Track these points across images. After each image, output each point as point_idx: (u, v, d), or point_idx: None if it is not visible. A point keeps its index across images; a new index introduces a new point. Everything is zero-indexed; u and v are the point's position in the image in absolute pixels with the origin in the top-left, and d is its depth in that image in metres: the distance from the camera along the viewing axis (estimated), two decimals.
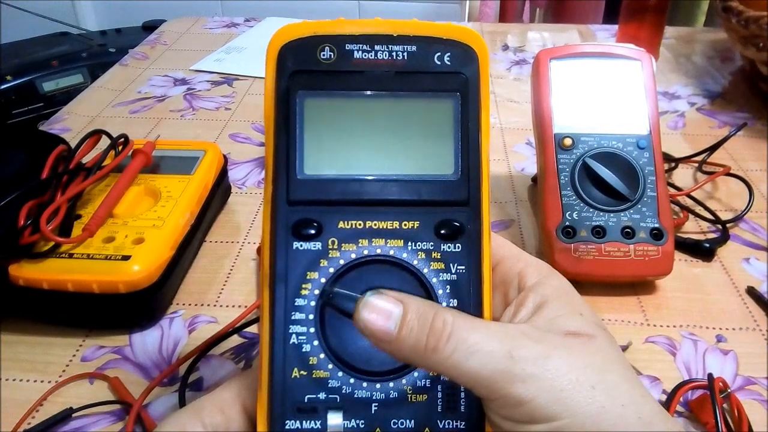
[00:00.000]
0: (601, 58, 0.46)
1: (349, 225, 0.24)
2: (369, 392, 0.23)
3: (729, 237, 0.48)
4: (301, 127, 0.24)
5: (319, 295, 0.23)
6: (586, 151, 0.43)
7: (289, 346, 0.23)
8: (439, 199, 0.24)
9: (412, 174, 0.24)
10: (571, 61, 0.46)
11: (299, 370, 0.23)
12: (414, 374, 0.23)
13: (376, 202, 0.24)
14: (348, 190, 0.24)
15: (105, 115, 0.68)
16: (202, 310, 0.42)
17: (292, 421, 0.22)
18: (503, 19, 1.50)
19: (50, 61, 1.35)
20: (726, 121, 0.66)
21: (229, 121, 0.66)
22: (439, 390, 0.23)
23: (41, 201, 0.40)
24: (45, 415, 0.34)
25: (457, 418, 0.23)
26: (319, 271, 0.23)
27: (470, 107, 0.24)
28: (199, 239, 0.47)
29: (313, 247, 0.23)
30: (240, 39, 0.89)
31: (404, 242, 0.24)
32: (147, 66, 0.81)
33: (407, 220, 0.24)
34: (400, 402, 0.23)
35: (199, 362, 0.38)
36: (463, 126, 0.24)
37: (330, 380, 0.23)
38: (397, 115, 0.24)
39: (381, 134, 0.24)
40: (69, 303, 0.39)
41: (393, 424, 0.23)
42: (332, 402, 0.23)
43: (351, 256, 0.23)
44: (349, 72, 0.24)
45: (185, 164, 0.48)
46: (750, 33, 0.63)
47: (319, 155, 0.24)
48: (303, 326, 0.23)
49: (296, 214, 0.24)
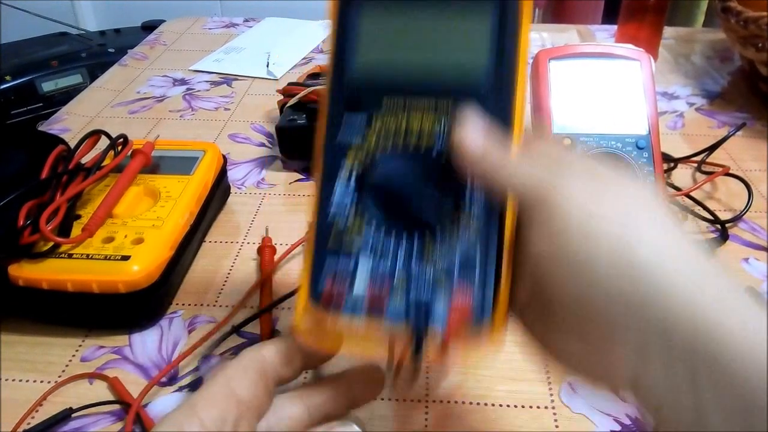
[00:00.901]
0: (601, 58, 0.46)
1: (391, 104, 0.28)
2: (395, 246, 0.26)
3: (728, 237, 0.48)
4: (357, 27, 0.28)
5: (362, 170, 0.27)
6: (585, 151, 0.43)
7: (333, 213, 0.27)
8: (471, 86, 0.27)
9: (449, 62, 0.28)
10: (571, 62, 0.46)
11: (337, 232, 0.27)
12: (435, 237, 0.26)
13: (416, 86, 0.28)
14: (393, 77, 0.28)
15: (104, 115, 0.68)
16: (202, 310, 0.42)
17: (332, 257, 0.26)
18: None
19: (50, 62, 1.35)
20: (725, 122, 0.66)
21: (228, 121, 0.67)
22: (456, 251, 0.26)
23: (41, 201, 0.40)
24: (45, 415, 0.34)
25: (468, 276, 0.25)
26: (362, 146, 0.27)
27: (508, 12, 0.27)
28: (198, 239, 0.47)
29: (358, 130, 0.28)
30: (239, 39, 0.89)
31: (438, 120, 0.27)
32: (146, 66, 0.81)
33: (443, 101, 0.27)
34: (419, 255, 0.26)
35: (199, 362, 0.38)
36: (503, 26, 0.27)
37: (365, 236, 0.27)
38: (442, 15, 0.28)
39: (426, 32, 0.28)
40: (69, 303, 0.39)
41: (412, 270, 0.26)
42: (364, 247, 0.26)
43: (391, 132, 0.27)
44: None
45: (184, 164, 0.48)
46: (749, 33, 0.63)
47: (369, 50, 0.28)
48: (345, 187, 0.27)
49: (348, 94, 0.28)
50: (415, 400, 0.36)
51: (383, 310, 0.26)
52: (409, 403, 0.35)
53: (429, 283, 0.26)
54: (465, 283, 0.26)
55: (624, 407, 0.35)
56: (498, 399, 0.36)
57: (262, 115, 0.67)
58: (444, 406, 0.35)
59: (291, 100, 0.55)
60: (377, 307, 0.26)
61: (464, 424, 0.34)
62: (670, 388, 0.20)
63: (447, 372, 0.37)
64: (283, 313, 0.42)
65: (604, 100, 0.45)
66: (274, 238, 0.47)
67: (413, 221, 0.27)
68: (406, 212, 0.27)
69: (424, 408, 0.35)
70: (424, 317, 0.25)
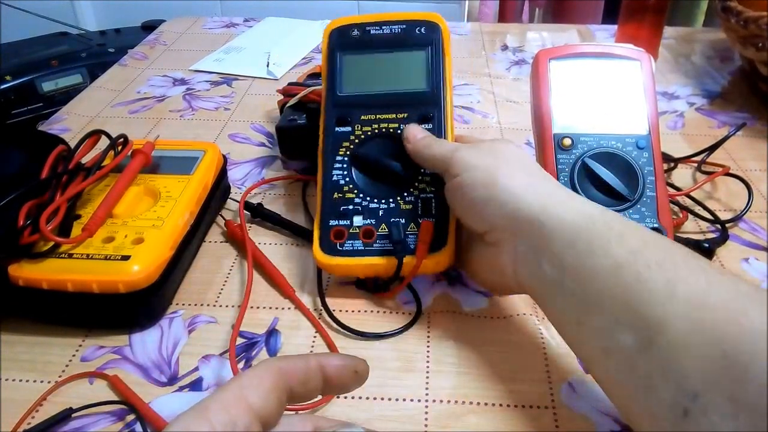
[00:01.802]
0: (601, 58, 0.46)
1: (367, 117, 0.44)
2: (377, 204, 0.42)
3: (728, 237, 0.48)
4: (341, 69, 0.46)
5: (350, 154, 0.43)
6: (585, 151, 0.43)
7: (333, 181, 0.43)
8: (418, 102, 0.44)
9: (401, 89, 0.45)
10: (571, 61, 0.46)
11: (338, 193, 0.42)
12: (404, 194, 0.42)
13: (382, 104, 0.44)
14: (366, 100, 0.45)
15: (104, 115, 0.68)
16: (202, 310, 0.42)
17: (334, 220, 0.42)
18: (502, 19, 1.50)
19: (50, 61, 1.35)
20: (725, 121, 0.66)
21: (228, 121, 0.67)
22: (419, 202, 0.42)
23: (41, 201, 0.40)
24: (45, 415, 0.34)
25: (430, 216, 0.41)
26: (350, 142, 0.44)
27: (436, 54, 0.45)
28: (198, 239, 0.47)
29: (346, 129, 0.44)
30: (239, 39, 0.89)
31: (398, 124, 0.44)
32: (146, 66, 0.81)
33: (400, 113, 0.44)
34: (395, 209, 0.42)
35: (199, 362, 0.38)
36: (433, 63, 0.45)
37: (355, 199, 0.42)
38: (394, 59, 0.46)
39: (385, 69, 0.46)
40: (68, 303, 0.39)
41: (392, 220, 0.41)
42: (356, 210, 0.42)
43: (368, 132, 0.44)
44: (367, 40, 0.46)
45: (185, 164, 0.48)
46: (749, 33, 0.63)
47: (350, 83, 0.45)
48: (340, 171, 0.43)
49: (338, 112, 0.45)
50: (415, 400, 0.36)
51: (372, 245, 0.41)
52: (409, 403, 0.35)
53: (403, 227, 0.41)
54: (426, 221, 0.41)
55: None
56: (498, 399, 0.36)
57: (262, 115, 0.67)
58: (444, 406, 0.35)
59: (291, 100, 0.55)
60: (368, 243, 0.41)
61: (464, 424, 0.34)
62: (524, 262, 0.34)
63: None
64: (284, 313, 0.42)
65: (605, 100, 0.45)
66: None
67: (385, 177, 0.42)
68: (380, 172, 0.43)
69: (424, 408, 0.35)
70: (402, 249, 0.40)
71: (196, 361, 0.38)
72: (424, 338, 0.40)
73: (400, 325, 0.40)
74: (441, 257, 0.40)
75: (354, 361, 0.26)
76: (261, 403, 0.23)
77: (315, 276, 0.44)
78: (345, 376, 0.26)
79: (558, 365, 0.38)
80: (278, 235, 0.49)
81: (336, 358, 0.26)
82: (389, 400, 0.36)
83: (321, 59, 0.46)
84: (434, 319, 0.41)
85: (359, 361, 0.26)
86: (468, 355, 0.39)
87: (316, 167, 0.44)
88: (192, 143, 0.52)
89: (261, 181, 0.55)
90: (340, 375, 0.26)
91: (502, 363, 0.38)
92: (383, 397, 0.36)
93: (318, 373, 0.25)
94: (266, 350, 0.39)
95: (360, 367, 0.26)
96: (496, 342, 0.39)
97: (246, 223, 0.49)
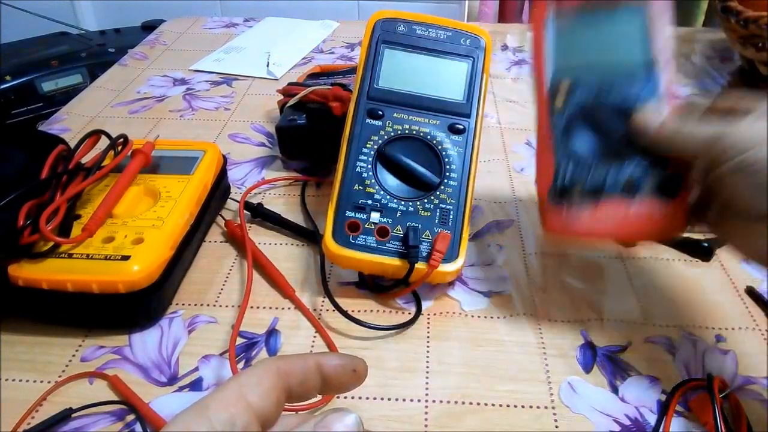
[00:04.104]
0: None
1: (399, 116, 0.44)
2: (396, 205, 0.41)
3: None
4: (382, 61, 0.45)
5: (376, 149, 0.43)
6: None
7: (355, 172, 0.42)
8: (451, 111, 0.44)
9: (438, 95, 0.44)
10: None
11: (359, 185, 0.42)
12: (424, 200, 0.42)
13: (416, 105, 0.44)
14: (402, 98, 0.44)
15: (104, 115, 0.68)
16: (202, 310, 0.42)
17: (351, 211, 0.41)
18: (502, 19, 1.50)
19: (50, 61, 1.35)
20: None
21: (228, 121, 0.67)
22: (438, 211, 0.41)
23: (41, 201, 0.40)
24: (44, 415, 0.34)
25: (447, 227, 0.41)
26: (378, 137, 0.43)
27: (477, 68, 0.45)
28: (198, 239, 0.47)
29: (377, 123, 0.43)
30: (239, 39, 0.89)
31: (429, 130, 0.43)
32: (146, 66, 0.81)
33: (433, 119, 0.44)
34: (414, 214, 0.41)
35: (199, 362, 0.38)
36: (473, 76, 0.44)
37: (375, 195, 0.42)
38: (436, 64, 0.45)
39: (426, 72, 0.44)
40: (68, 303, 0.39)
41: (408, 223, 0.41)
42: (374, 206, 0.41)
43: (398, 131, 0.43)
44: (413, 38, 0.45)
45: (184, 164, 0.48)
46: (749, 33, 0.63)
47: (388, 77, 0.44)
48: (365, 163, 0.42)
49: (371, 103, 0.44)
50: (415, 400, 0.36)
51: (385, 245, 0.40)
52: (409, 403, 0.35)
53: (419, 232, 0.41)
54: (443, 231, 0.41)
55: (624, 407, 0.35)
56: (498, 399, 0.36)
57: (262, 115, 0.67)
58: (444, 406, 0.35)
59: (291, 100, 0.55)
60: (381, 241, 0.40)
61: (464, 424, 0.34)
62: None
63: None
64: (284, 313, 0.42)
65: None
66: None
67: (410, 180, 0.42)
68: (407, 175, 0.42)
69: (424, 408, 0.35)
70: (414, 256, 0.39)
71: (196, 361, 0.38)
72: (424, 338, 0.40)
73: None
74: (451, 269, 0.40)
75: (352, 360, 0.26)
76: (260, 402, 0.23)
77: (315, 276, 0.44)
78: (343, 375, 0.26)
79: (558, 365, 0.38)
80: (278, 235, 0.49)
81: (334, 357, 0.26)
82: (389, 400, 0.36)
83: (361, 48, 0.45)
84: (434, 319, 0.41)
85: (358, 360, 0.26)
86: (468, 355, 0.39)
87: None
88: (192, 143, 0.52)
89: (261, 181, 0.55)
90: (338, 374, 0.25)
91: (502, 363, 0.38)
92: (383, 397, 0.36)
93: (316, 372, 0.25)
94: (266, 350, 0.39)
95: (359, 366, 0.26)
96: (496, 342, 0.39)
97: (246, 223, 0.49)
